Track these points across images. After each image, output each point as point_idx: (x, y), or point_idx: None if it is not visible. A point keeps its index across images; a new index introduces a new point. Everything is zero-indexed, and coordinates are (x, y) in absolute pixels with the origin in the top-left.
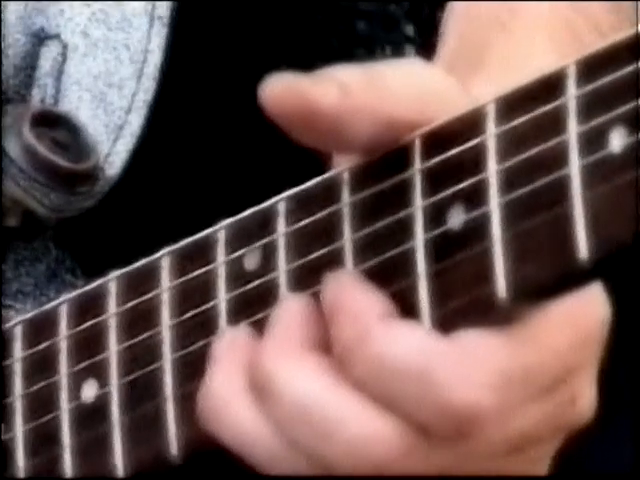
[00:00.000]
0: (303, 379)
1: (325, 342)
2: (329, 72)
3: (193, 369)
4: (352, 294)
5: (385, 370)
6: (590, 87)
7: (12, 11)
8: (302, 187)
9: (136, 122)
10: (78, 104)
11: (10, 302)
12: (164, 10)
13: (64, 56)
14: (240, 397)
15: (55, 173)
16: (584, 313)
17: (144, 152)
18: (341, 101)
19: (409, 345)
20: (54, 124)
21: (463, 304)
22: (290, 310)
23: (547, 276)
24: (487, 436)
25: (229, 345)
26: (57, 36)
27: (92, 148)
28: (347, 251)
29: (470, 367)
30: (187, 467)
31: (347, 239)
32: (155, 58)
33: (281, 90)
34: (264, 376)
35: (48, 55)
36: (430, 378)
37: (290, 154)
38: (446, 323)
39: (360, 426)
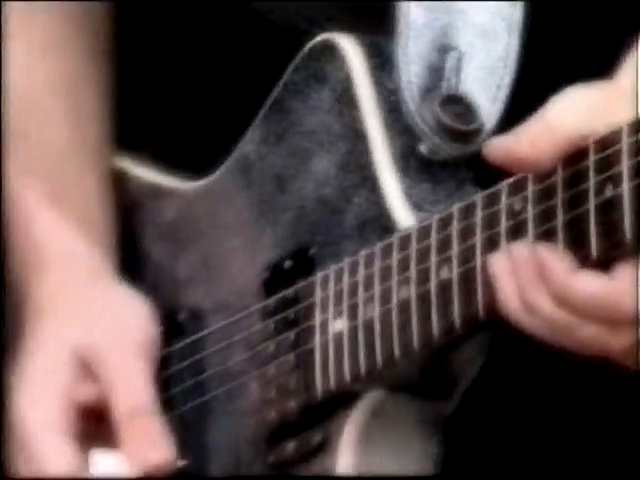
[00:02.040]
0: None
1: None
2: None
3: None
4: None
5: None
6: None
7: (418, 32)
8: None
9: (505, 91)
10: (471, 87)
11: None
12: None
13: (460, 60)
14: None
15: (454, 133)
16: None
17: (510, 110)
18: (531, 150)
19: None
20: (456, 102)
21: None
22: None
23: None
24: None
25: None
26: (456, 48)
27: (479, 113)
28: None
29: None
30: None
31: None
32: (514, 49)
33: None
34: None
35: (451, 61)
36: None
37: None
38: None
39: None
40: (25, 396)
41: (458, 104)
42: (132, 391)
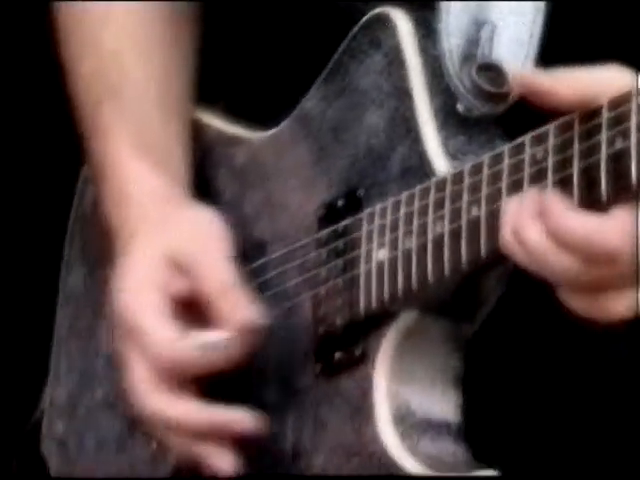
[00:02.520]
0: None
1: None
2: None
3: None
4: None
5: (574, 233)
6: None
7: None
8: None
9: (531, 60)
10: (502, 55)
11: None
12: None
13: (493, 32)
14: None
15: (487, 94)
16: None
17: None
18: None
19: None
20: (489, 68)
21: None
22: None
23: None
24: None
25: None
26: (490, 22)
27: (508, 79)
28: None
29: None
30: None
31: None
32: (539, 25)
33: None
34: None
35: (485, 33)
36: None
37: None
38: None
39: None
40: (127, 290)
41: (491, 70)
42: (219, 271)
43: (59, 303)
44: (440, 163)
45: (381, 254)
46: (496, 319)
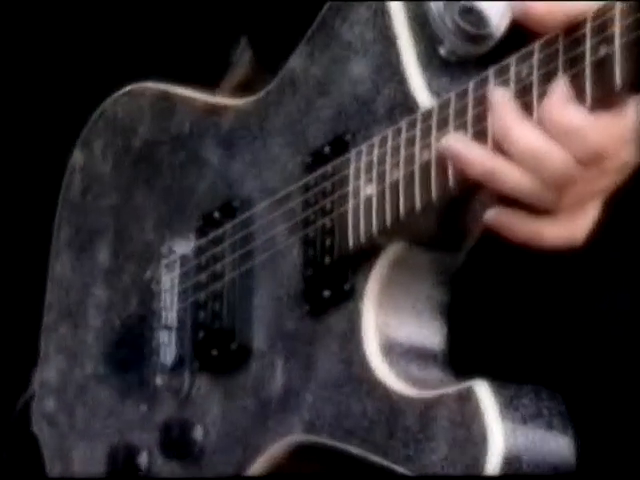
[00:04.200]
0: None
1: None
2: None
3: None
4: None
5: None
6: None
7: None
8: None
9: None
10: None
11: None
12: None
13: None
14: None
15: (469, 36)
16: None
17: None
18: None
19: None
20: (471, 12)
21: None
22: None
23: None
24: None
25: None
26: None
27: (490, 23)
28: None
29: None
30: None
31: None
32: None
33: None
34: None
35: None
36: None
37: None
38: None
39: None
40: None
41: (473, 14)
42: None
43: (47, 288)
44: (424, 98)
45: (369, 189)
46: (482, 250)
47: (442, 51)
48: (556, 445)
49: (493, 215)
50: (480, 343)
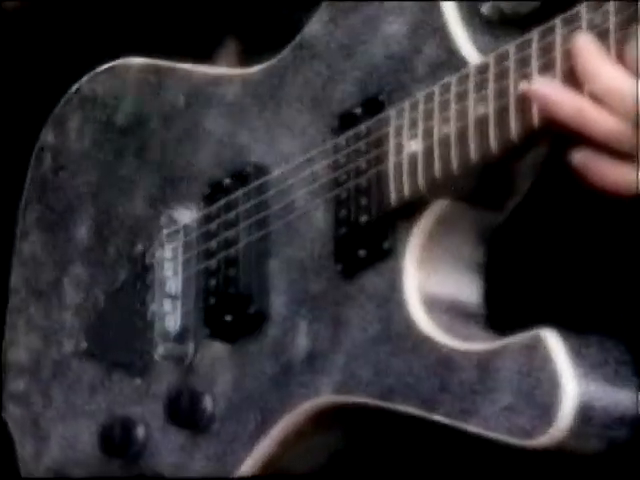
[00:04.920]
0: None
1: None
2: None
3: None
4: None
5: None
6: None
7: None
8: None
9: None
10: None
11: None
12: None
13: None
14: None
15: None
16: None
17: None
18: None
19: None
20: None
21: None
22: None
23: None
24: None
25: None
26: None
27: None
28: None
29: None
30: None
31: None
32: None
33: None
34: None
35: None
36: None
37: None
38: None
39: None
40: None
41: None
42: None
43: (13, 271)
44: (471, 54)
45: (413, 146)
46: (524, 210)
47: (485, 9)
48: (624, 394)
49: (581, 156)
50: (517, 304)
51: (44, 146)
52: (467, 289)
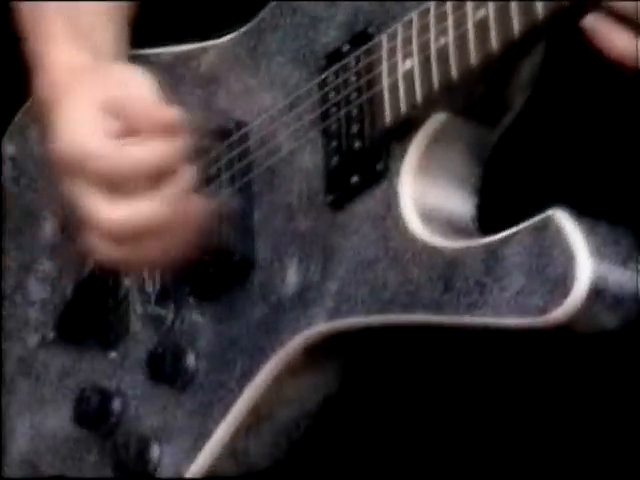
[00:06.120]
0: None
1: None
2: None
3: None
4: None
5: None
6: None
7: None
8: None
9: None
10: None
11: None
12: None
13: None
14: None
15: None
16: None
17: None
18: None
19: None
20: None
21: None
22: None
23: None
24: None
25: None
26: None
27: None
28: None
29: None
30: None
31: None
32: None
33: None
34: None
35: None
36: None
37: None
38: None
39: None
40: (69, 133)
41: None
42: (153, 109)
43: None
44: None
45: (408, 63)
46: (520, 126)
47: None
48: (636, 273)
49: (595, 20)
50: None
51: (5, 158)
52: (462, 205)
